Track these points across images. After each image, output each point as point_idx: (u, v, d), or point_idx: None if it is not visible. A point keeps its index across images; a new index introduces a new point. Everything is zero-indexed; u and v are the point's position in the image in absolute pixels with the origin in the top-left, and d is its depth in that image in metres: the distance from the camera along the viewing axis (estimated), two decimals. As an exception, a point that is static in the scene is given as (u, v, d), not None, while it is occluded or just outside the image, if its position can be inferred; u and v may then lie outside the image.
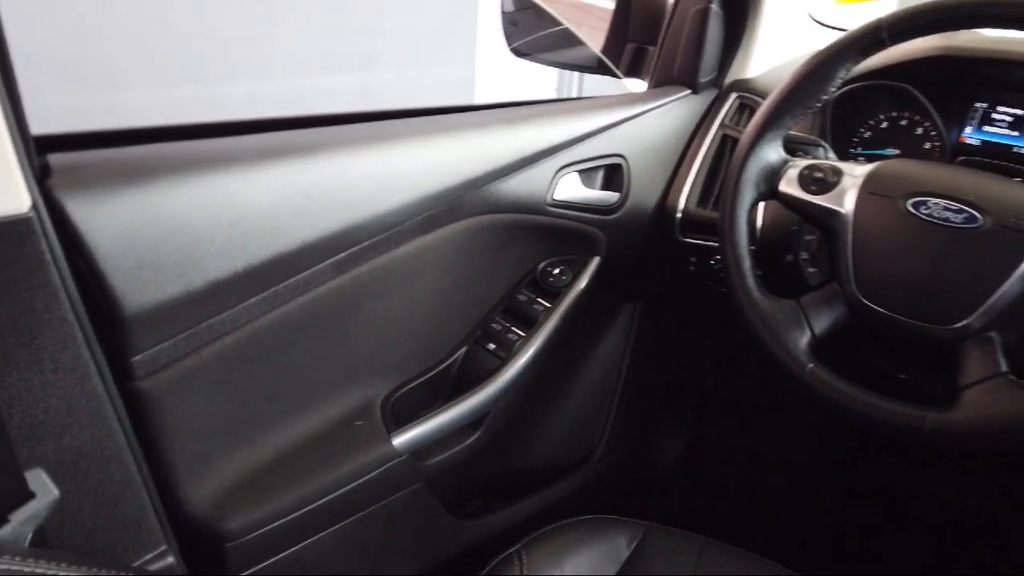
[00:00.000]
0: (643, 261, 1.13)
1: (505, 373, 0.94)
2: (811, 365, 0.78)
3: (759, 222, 0.99)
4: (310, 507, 0.81)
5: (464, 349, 0.98)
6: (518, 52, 1.20)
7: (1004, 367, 0.71)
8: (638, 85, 1.21)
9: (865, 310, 0.78)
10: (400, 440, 0.86)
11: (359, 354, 0.86)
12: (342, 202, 0.76)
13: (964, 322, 0.72)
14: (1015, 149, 0.96)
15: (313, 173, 0.74)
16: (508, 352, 0.96)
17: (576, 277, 1.02)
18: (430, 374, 0.94)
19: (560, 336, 1.00)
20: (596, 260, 1.04)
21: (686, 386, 1.46)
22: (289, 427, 0.82)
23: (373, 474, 0.85)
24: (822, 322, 0.81)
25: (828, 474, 1.40)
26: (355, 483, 0.84)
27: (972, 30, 0.94)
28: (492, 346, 0.97)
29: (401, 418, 0.88)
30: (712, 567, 0.84)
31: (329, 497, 0.82)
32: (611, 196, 1.03)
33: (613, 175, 1.04)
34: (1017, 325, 0.76)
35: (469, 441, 0.96)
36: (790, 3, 1.18)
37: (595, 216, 1.02)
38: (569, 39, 1.21)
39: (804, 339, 0.80)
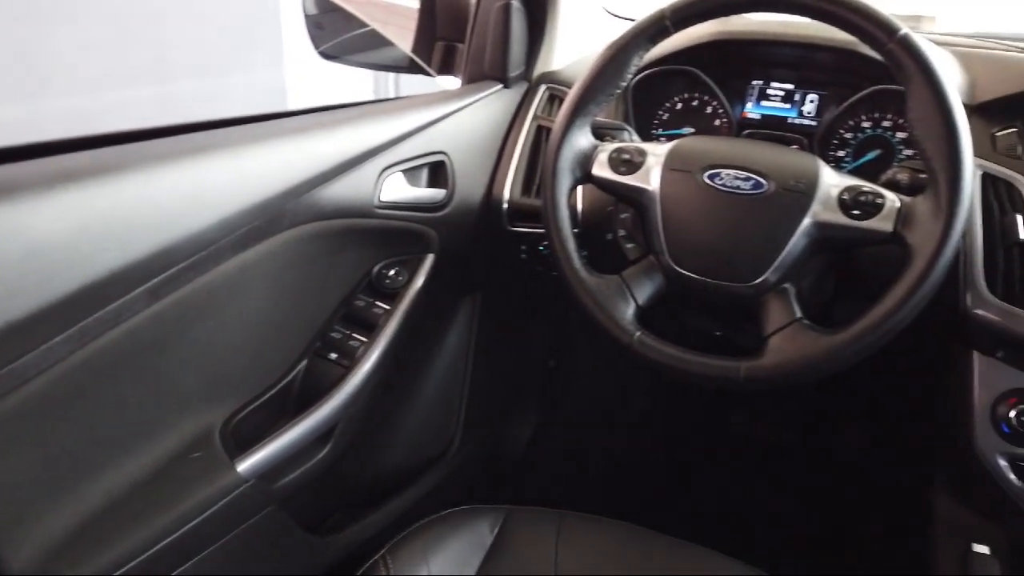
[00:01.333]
0: (476, 254, 1.16)
1: (350, 381, 0.92)
2: (638, 333, 0.83)
3: (579, 205, 1.05)
4: (155, 549, 0.76)
5: (305, 362, 0.95)
6: (326, 55, 1.18)
7: (799, 313, 0.80)
8: (451, 82, 1.23)
9: (679, 277, 0.84)
10: (245, 465, 0.82)
11: (188, 382, 0.81)
12: (150, 223, 0.71)
13: (762, 278, 0.80)
14: (788, 120, 1.08)
15: (112, 195, 0.68)
16: (351, 360, 0.95)
17: (412, 276, 1.03)
18: (271, 392, 0.90)
19: (403, 336, 1.00)
20: (430, 257, 1.05)
21: (532, 369, 1.51)
22: (119, 469, 0.76)
23: (220, 504, 0.80)
24: (644, 292, 0.86)
25: (663, 430, 1.51)
26: (202, 517, 0.79)
27: (743, 15, 1.04)
28: (334, 355, 0.96)
29: (245, 442, 0.84)
30: (572, 537, 0.88)
31: (176, 535, 0.77)
32: (438, 193, 1.05)
33: (437, 172, 1.05)
34: (805, 275, 0.86)
35: (321, 455, 0.94)
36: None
37: (424, 214, 1.03)
38: (377, 40, 1.20)
39: (630, 310, 0.85)
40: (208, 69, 2.71)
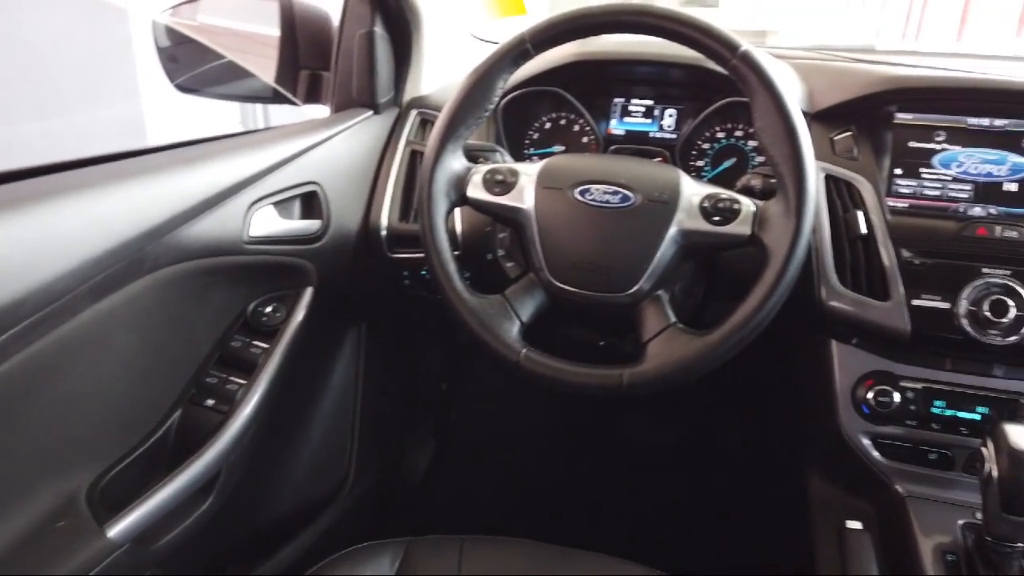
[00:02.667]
0: (358, 283, 1.13)
1: (230, 427, 0.88)
2: (524, 350, 0.84)
3: (458, 228, 1.05)
4: None
5: (179, 412, 0.90)
6: (183, 88, 1.13)
7: (673, 318, 0.84)
8: (320, 111, 1.21)
9: (559, 291, 0.86)
10: (116, 530, 0.76)
11: (45, 446, 0.74)
12: None
13: (636, 287, 0.83)
14: (650, 135, 1.13)
15: None
16: (230, 404, 0.90)
17: (291, 312, 1.00)
18: (143, 448, 0.85)
19: (285, 375, 0.96)
20: (309, 291, 1.02)
21: (424, 395, 1.50)
22: None
23: (91, 575, 0.74)
24: (527, 309, 0.88)
25: (559, 443, 1.53)
26: None
27: (601, 36, 1.08)
28: (211, 402, 0.91)
29: (115, 504, 0.78)
30: (474, 562, 0.88)
31: None
32: (312, 224, 1.02)
33: (311, 203, 1.03)
34: (676, 281, 0.90)
35: (203, 508, 0.88)
36: (451, 22, 1.26)
37: (299, 247, 1.00)
38: (237, 71, 1.17)
39: (514, 328, 0.86)
40: (55, 107, 2.53)
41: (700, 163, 1.11)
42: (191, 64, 1.15)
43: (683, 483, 1.47)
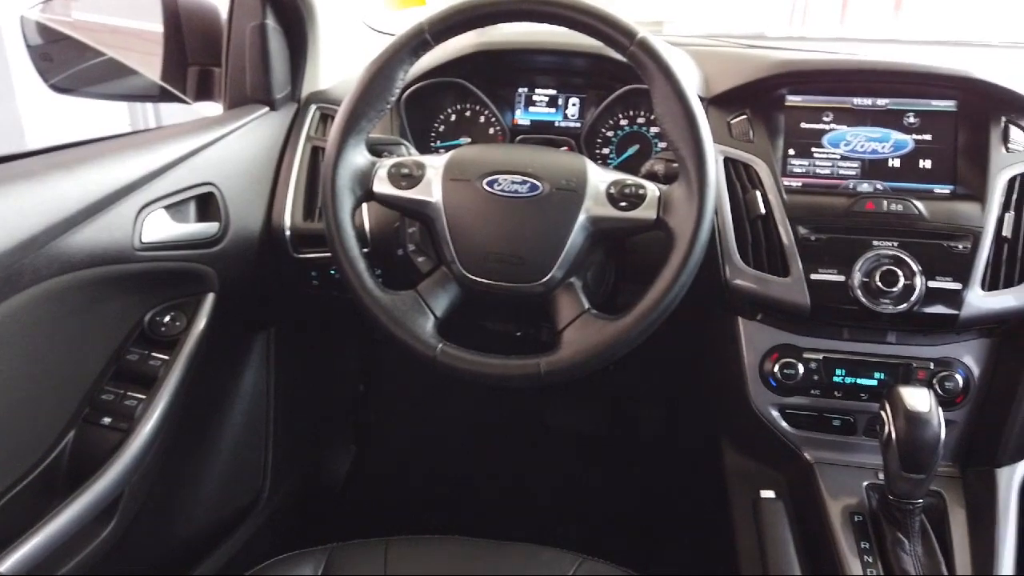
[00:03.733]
0: (264, 287, 1.09)
1: (131, 445, 0.83)
2: (440, 346, 0.83)
3: (366, 224, 1.03)
4: None
5: (72, 433, 0.84)
6: (58, 88, 1.06)
7: (587, 305, 0.84)
8: (214, 108, 1.15)
9: (473, 284, 0.85)
10: (8, 564, 0.71)
11: None
12: None
13: (549, 276, 0.83)
14: (556, 124, 1.13)
15: None
16: (130, 421, 0.85)
17: (192, 320, 0.95)
18: (33, 474, 0.79)
19: (189, 387, 0.92)
20: (211, 297, 0.97)
21: (341, 398, 1.46)
22: None
23: None
24: (441, 304, 0.86)
25: (483, 437, 1.53)
26: None
27: (501, 25, 1.07)
28: (108, 420, 0.85)
29: (6, 537, 0.73)
30: (399, 564, 0.86)
31: None
32: (210, 227, 0.97)
33: (208, 205, 0.98)
34: (588, 267, 0.91)
35: (106, 532, 0.83)
36: (347, 13, 1.23)
37: (197, 251, 0.96)
38: (118, 68, 1.10)
39: (429, 324, 0.85)
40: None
41: (606, 151, 1.12)
42: (67, 62, 1.07)
43: (607, 467, 1.50)
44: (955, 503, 0.87)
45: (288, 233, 1.04)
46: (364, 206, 1.01)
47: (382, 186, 0.87)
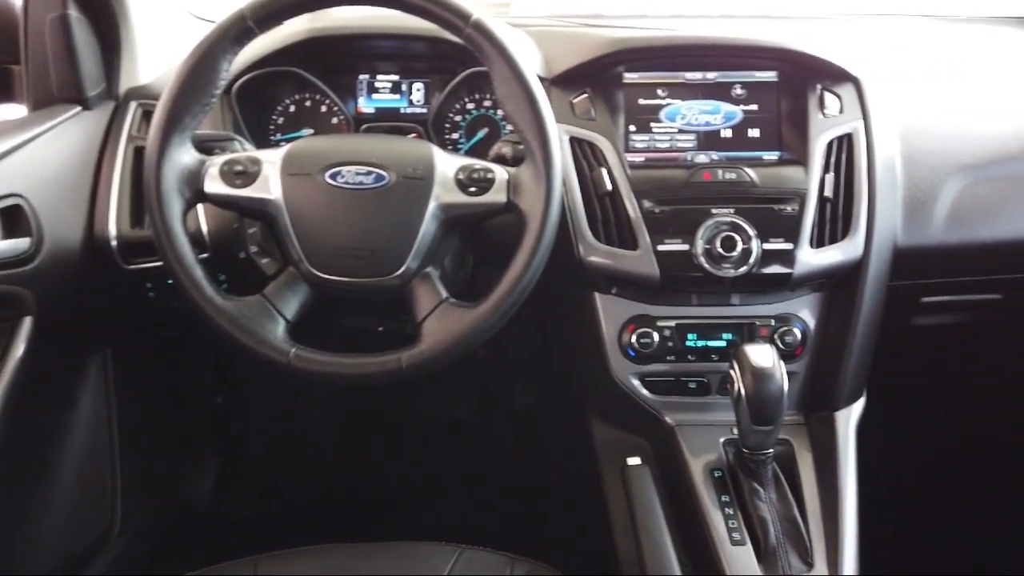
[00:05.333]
0: (92, 304, 1.00)
1: None
2: (294, 350, 0.79)
3: (204, 227, 0.96)
4: None
5: None
6: None
7: (445, 294, 0.83)
8: (16, 111, 1.04)
9: (325, 283, 0.82)
10: None
11: None
12: None
13: (403, 267, 0.81)
14: (401, 110, 1.11)
15: None
16: None
17: (7, 348, 0.85)
18: None
19: (12, 421, 0.82)
20: (28, 321, 0.88)
21: (198, 413, 1.37)
22: None
23: None
24: (291, 306, 0.82)
25: (354, 436, 1.49)
26: None
27: (334, 10, 1.03)
28: None
29: None
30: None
31: None
32: (19, 244, 0.87)
33: (15, 220, 0.88)
34: (443, 256, 0.90)
35: None
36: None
37: (7, 272, 0.85)
38: None
39: (279, 328, 0.81)
40: None
41: (455, 136, 1.11)
42: None
43: (482, 451, 1.50)
44: (802, 448, 0.94)
45: (115, 243, 0.95)
46: (200, 208, 0.94)
47: (214, 185, 0.81)
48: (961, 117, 1.08)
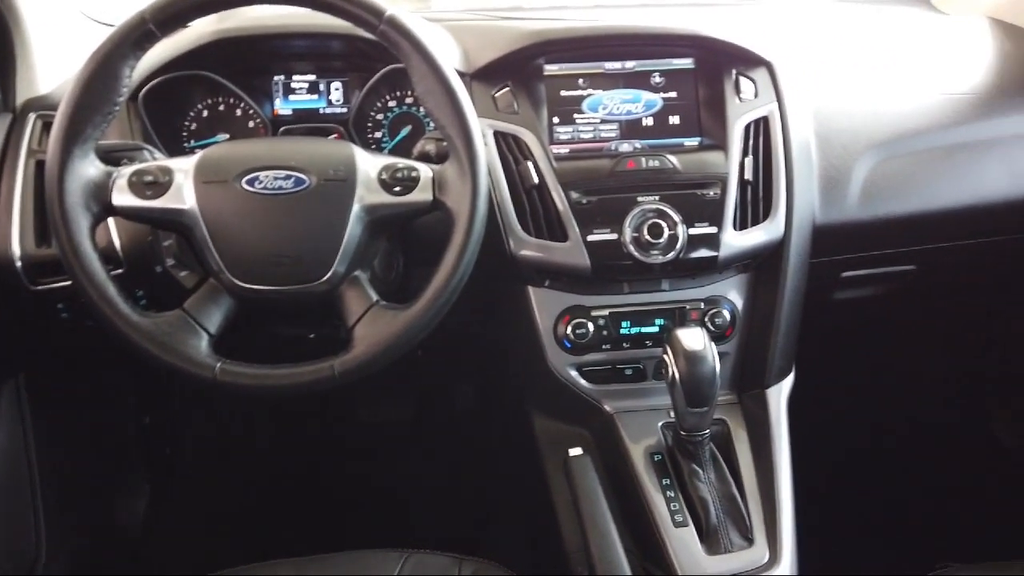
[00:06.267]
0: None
1: None
2: (219, 364, 0.76)
3: (116, 242, 0.92)
4: None
5: None
6: None
7: (375, 297, 0.81)
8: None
9: (248, 292, 0.79)
10: None
11: None
12: None
13: (331, 272, 0.79)
14: (321, 111, 1.08)
15: None
16: None
17: None
18: None
19: None
20: None
21: (124, 434, 1.32)
22: None
23: None
24: (214, 319, 0.79)
25: (296, 446, 1.45)
26: None
27: (242, 10, 0.99)
28: None
29: None
30: None
31: None
32: None
33: None
34: (372, 258, 0.88)
35: None
36: (59, 2, 1.07)
37: None
38: None
39: (202, 343, 0.78)
40: None
41: (378, 134, 1.08)
42: None
43: (426, 453, 1.49)
44: (737, 426, 0.96)
45: (19, 264, 0.90)
46: (111, 221, 0.90)
47: (123, 198, 0.78)
48: (868, 97, 1.12)
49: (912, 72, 1.18)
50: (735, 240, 0.94)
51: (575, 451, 0.95)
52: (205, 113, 1.05)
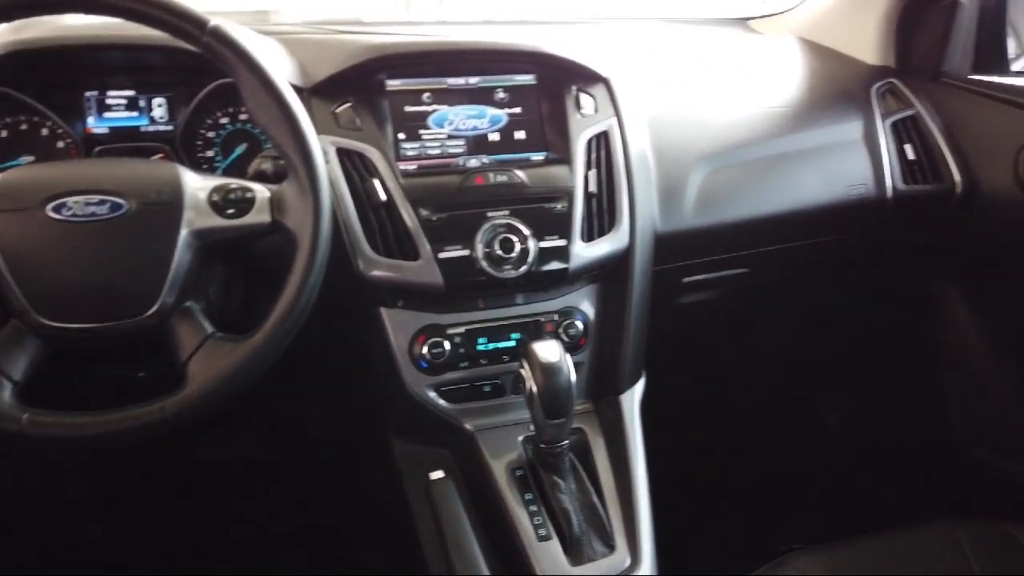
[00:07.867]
0: None
1: None
2: (27, 415, 0.68)
3: None
4: None
5: None
6: None
7: (210, 329, 0.76)
8: None
9: (60, 333, 0.71)
10: None
11: None
12: None
13: (158, 304, 0.73)
14: (142, 129, 0.99)
15: None
16: None
17: None
18: None
19: None
20: None
21: None
22: None
23: None
24: (19, 365, 0.71)
25: (125, 499, 1.33)
26: None
27: (41, 19, 0.90)
28: None
29: None
30: None
31: None
32: None
33: None
34: (205, 287, 0.82)
35: None
36: None
37: None
38: None
39: (5, 393, 0.69)
40: None
41: (210, 153, 1.01)
42: None
43: (285, 486, 1.40)
44: (595, 434, 0.97)
45: None
46: None
47: None
48: (697, 111, 1.19)
49: (735, 87, 1.27)
50: (584, 251, 0.96)
51: (436, 474, 0.93)
52: (4, 134, 0.94)
